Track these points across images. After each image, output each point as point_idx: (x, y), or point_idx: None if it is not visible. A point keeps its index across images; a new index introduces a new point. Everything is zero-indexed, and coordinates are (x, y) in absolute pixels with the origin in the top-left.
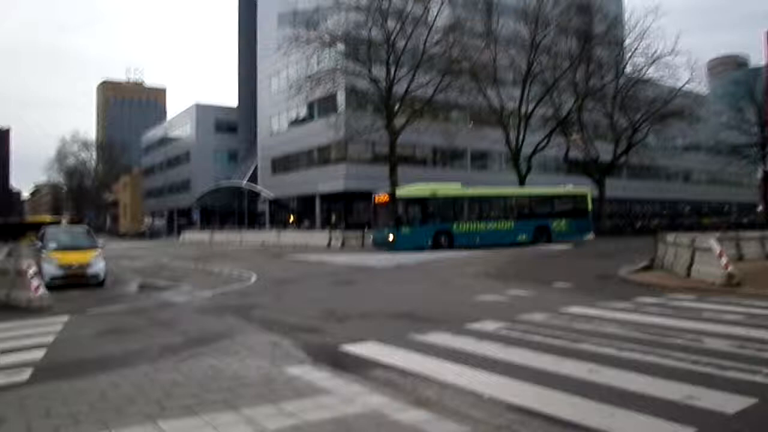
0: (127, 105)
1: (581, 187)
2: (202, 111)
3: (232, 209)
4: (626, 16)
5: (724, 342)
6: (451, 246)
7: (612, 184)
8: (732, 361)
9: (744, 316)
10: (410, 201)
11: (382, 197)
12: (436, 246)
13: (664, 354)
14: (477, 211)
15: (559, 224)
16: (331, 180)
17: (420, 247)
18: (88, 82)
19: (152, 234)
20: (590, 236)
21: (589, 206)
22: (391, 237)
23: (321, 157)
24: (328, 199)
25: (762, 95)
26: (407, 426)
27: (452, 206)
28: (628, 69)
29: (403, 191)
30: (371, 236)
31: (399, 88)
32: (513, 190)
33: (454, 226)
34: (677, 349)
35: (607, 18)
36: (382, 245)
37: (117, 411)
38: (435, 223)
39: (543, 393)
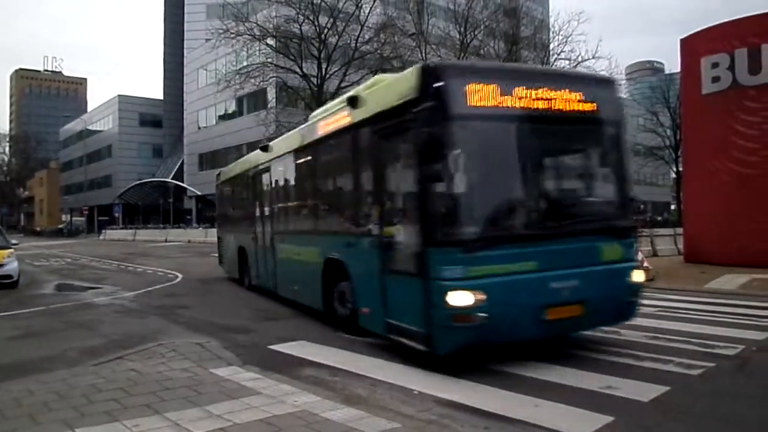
0: (45, 95)
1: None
2: (125, 103)
3: (157, 206)
4: (551, 20)
5: (640, 334)
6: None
7: None
8: (646, 351)
9: (657, 309)
10: None
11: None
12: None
13: (583, 346)
14: None
15: None
16: None
17: None
18: (1, 71)
19: (71, 232)
20: None
21: None
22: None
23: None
24: None
25: (676, 100)
26: (338, 424)
27: None
28: None
29: None
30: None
31: (330, 85)
32: None
33: None
34: (596, 342)
35: (533, 22)
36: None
37: (31, 419)
38: None
39: (470, 387)
